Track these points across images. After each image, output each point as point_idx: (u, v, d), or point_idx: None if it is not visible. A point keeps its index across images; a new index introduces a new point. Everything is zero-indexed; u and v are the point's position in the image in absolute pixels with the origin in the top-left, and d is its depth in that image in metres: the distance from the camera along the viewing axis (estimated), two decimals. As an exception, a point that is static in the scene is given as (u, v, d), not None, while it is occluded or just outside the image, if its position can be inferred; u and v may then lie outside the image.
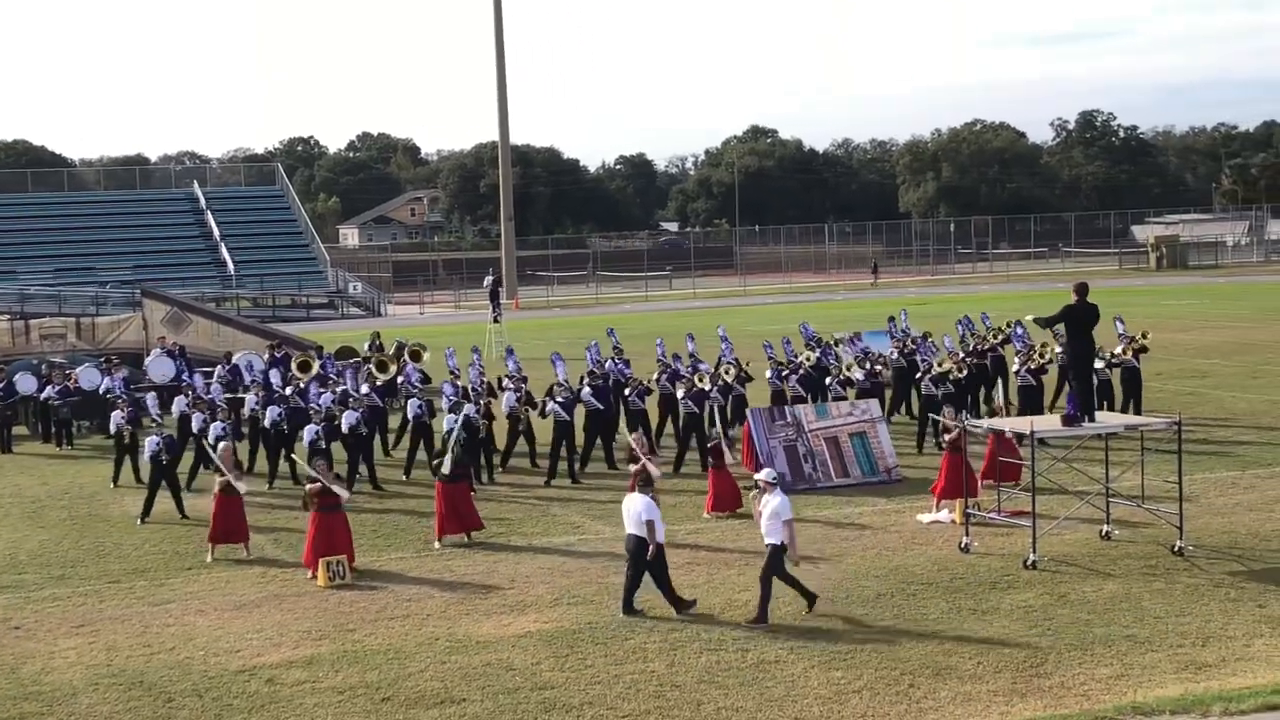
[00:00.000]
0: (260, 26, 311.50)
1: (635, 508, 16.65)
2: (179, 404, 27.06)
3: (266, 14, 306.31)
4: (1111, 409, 27.18)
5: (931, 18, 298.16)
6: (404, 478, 25.92)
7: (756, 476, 17.17)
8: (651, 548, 16.43)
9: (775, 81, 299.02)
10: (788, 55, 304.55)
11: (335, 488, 19.16)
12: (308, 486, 19.43)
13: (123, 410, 26.02)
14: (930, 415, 25.98)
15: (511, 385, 26.79)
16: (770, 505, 16.24)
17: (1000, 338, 30.89)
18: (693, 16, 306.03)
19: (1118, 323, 30.37)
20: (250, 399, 27.08)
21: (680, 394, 26.20)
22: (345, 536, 19.03)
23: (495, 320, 49.22)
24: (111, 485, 26.09)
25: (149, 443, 23.10)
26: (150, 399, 25.44)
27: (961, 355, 28.97)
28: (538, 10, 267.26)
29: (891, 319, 33.26)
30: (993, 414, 24.50)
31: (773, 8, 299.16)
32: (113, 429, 26.32)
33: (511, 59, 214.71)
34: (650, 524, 16.44)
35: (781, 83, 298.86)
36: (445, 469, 20.47)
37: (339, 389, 27.10)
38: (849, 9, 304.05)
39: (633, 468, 19.86)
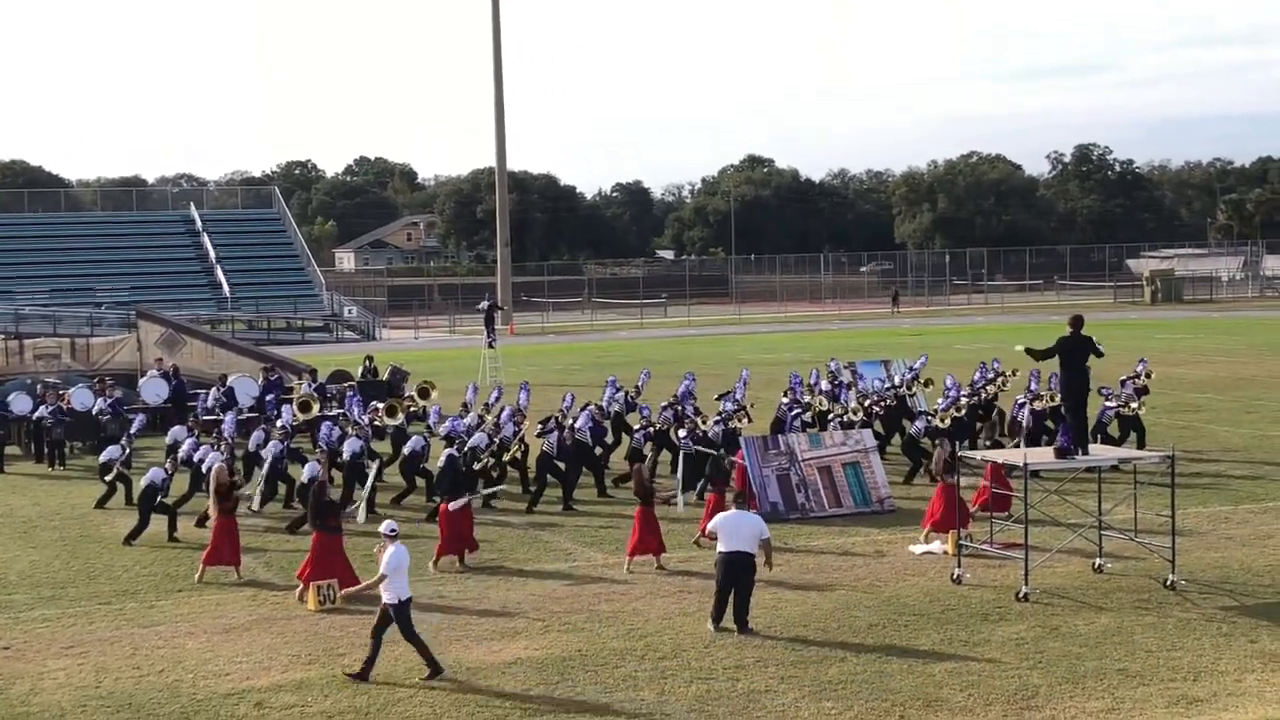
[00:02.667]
0: (259, 50, 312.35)
1: (749, 525, 17.05)
2: (175, 433, 26.98)
3: (266, 37, 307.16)
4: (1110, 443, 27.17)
5: (929, 49, 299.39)
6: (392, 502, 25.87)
7: (380, 529, 16.16)
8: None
9: (772, 111, 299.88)
10: (785, 85, 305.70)
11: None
12: (311, 518, 19.33)
13: (122, 448, 25.94)
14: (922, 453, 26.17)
15: (513, 420, 27.01)
16: (383, 559, 15.52)
17: (1002, 381, 30.91)
18: (691, 45, 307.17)
19: (1141, 363, 30.89)
20: (256, 435, 27.03)
21: (681, 434, 26.28)
22: (343, 560, 19.01)
23: (490, 345, 49.20)
24: (95, 507, 26.01)
25: (151, 473, 23.10)
26: (138, 421, 25.38)
27: (961, 398, 28.92)
28: (536, 37, 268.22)
29: (886, 362, 33.42)
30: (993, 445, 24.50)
31: (770, 38, 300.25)
32: (103, 458, 26.23)
33: (509, 85, 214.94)
34: (766, 542, 17.17)
35: (778, 113, 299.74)
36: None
37: (337, 412, 27.19)
38: (846, 40, 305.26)
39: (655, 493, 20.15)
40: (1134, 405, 28.64)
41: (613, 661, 15.79)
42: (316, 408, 29.04)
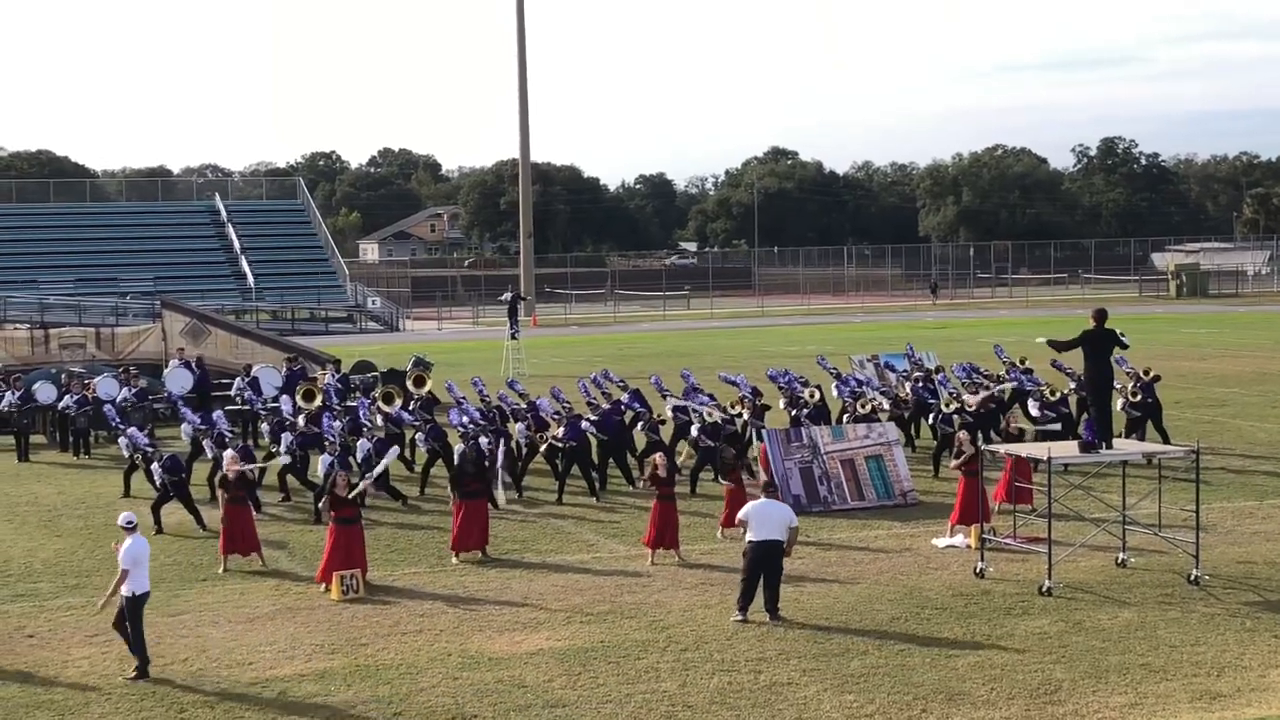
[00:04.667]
0: (284, 41, 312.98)
1: (778, 513, 17.26)
2: (186, 431, 27.05)
3: (290, 29, 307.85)
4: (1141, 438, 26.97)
5: (955, 42, 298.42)
6: (419, 493, 25.90)
7: (118, 521, 15.99)
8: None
9: (796, 103, 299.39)
10: (809, 77, 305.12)
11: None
12: (325, 509, 19.41)
13: (125, 435, 25.97)
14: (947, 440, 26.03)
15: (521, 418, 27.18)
16: (120, 551, 15.36)
17: (1012, 374, 30.68)
18: (715, 38, 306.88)
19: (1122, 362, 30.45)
20: (264, 428, 27.12)
21: (693, 431, 26.21)
22: (360, 550, 19.06)
23: (513, 337, 49.21)
24: (121, 496, 26.09)
25: (154, 469, 23.24)
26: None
27: (967, 398, 28.71)
28: (560, 29, 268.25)
29: (911, 346, 33.27)
30: (1009, 438, 24.34)
31: (795, 31, 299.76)
32: (125, 452, 26.25)
33: (533, 77, 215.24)
34: (795, 530, 17.41)
35: (802, 105, 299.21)
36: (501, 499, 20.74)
37: (348, 412, 27.41)
38: (870, 32, 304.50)
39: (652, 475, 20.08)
40: (1131, 393, 28.23)
41: (635, 653, 15.81)
42: (320, 397, 28.78)
